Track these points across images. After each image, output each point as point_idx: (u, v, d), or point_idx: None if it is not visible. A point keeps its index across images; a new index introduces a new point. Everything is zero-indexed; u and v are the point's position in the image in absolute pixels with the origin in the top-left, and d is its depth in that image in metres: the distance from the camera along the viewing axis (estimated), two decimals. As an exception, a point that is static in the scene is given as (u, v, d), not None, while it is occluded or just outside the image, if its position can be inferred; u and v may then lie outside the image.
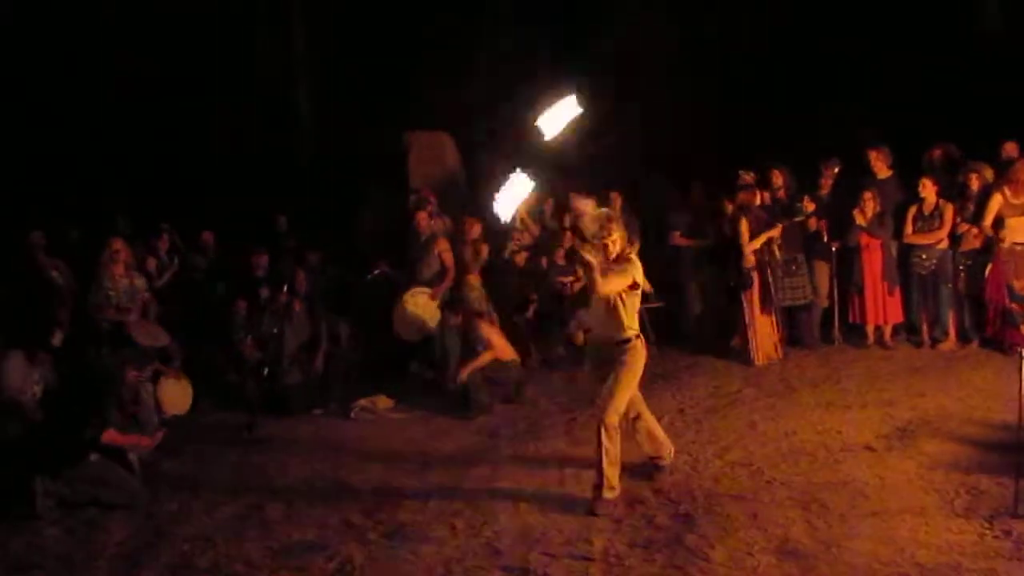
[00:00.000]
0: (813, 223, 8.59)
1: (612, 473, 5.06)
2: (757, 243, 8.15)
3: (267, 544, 4.86)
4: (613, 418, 5.05)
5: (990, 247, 7.97)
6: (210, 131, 12.48)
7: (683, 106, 11.66)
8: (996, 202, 7.90)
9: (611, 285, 5.03)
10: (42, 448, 5.62)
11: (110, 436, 5.75)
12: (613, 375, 5.07)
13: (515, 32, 13.39)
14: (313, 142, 13.58)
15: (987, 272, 7.93)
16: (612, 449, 5.05)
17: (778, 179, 8.85)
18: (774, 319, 8.29)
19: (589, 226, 5.39)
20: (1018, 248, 7.80)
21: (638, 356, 5.14)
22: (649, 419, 5.49)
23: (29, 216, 8.56)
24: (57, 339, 6.81)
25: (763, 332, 8.21)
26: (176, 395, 7.41)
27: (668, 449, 5.51)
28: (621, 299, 5.08)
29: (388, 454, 6.43)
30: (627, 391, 5.11)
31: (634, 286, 5.11)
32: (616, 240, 5.13)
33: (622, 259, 5.14)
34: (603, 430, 5.03)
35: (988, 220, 7.91)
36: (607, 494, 5.04)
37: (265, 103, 13.31)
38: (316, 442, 6.89)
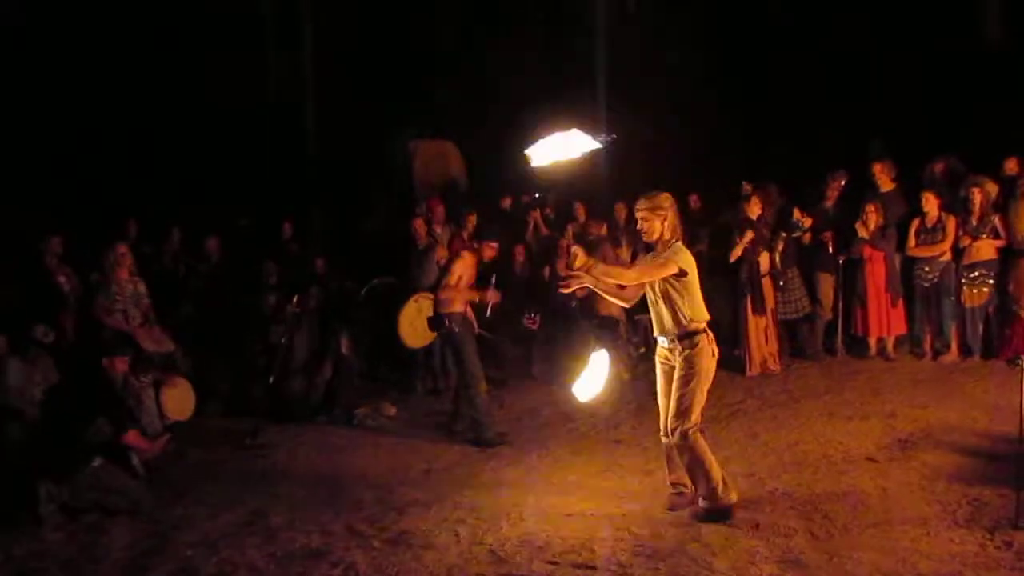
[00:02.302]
0: (808, 237, 8.64)
1: (718, 472, 4.82)
2: (738, 251, 8.17)
3: (271, 550, 4.86)
4: (689, 425, 4.78)
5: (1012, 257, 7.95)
6: (216, 137, 12.51)
7: (683, 117, 11.73)
8: None
9: (638, 274, 4.80)
10: (45, 452, 5.63)
11: (133, 438, 5.77)
12: (678, 382, 4.81)
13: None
14: (318, 149, 13.63)
15: None
16: (706, 452, 4.81)
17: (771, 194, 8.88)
18: (771, 330, 8.32)
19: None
20: None
21: (705, 355, 4.80)
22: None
23: (41, 220, 8.56)
24: (40, 332, 6.80)
25: (756, 343, 8.24)
26: (179, 401, 7.40)
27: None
28: (672, 288, 4.79)
29: (391, 461, 6.45)
30: (700, 396, 4.81)
31: (681, 274, 4.78)
32: (647, 224, 4.85)
33: (665, 246, 4.88)
34: (686, 441, 4.77)
35: None
36: (726, 496, 4.84)
37: (271, 110, 13.37)
38: (320, 449, 6.90)
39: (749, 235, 8.18)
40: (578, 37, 13.37)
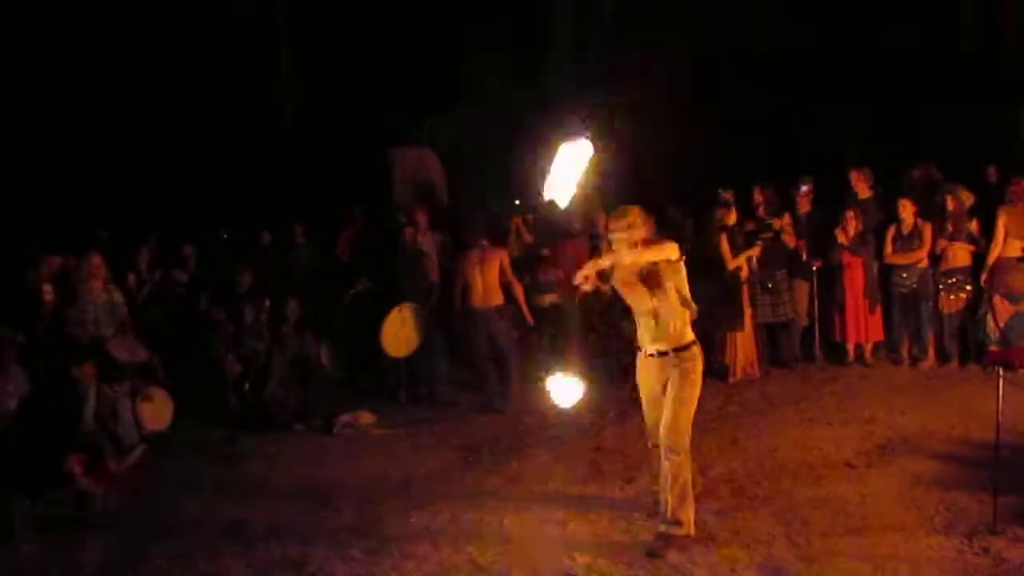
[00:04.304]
0: (791, 241, 8.65)
1: (686, 511, 4.60)
2: (740, 260, 8.21)
3: (248, 561, 4.82)
4: (682, 440, 4.57)
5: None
6: (194, 145, 12.45)
7: (664, 129, 11.77)
8: None
9: (646, 255, 4.54)
10: (21, 468, 5.53)
11: (75, 462, 5.64)
12: (672, 391, 4.61)
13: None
14: (297, 157, 13.57)
15: None
16: (685, 477, 4.57)
17: (758, 196, 8.88)
18: (753, 336, 8.36)
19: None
20: None
21: (698, 364, 4.67)
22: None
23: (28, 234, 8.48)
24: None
25: (742, 349, 8.27)
26: (156, 410, 7.34)
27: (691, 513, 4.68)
28: (676, 290, 4.62)
29: (371, 470, 6.41)
30: (691, 408, 4.63)
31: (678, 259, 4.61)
32: (636, 232, 4.58)
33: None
34: (671, 457, 4.54)
35: None
36: (678, 531, 4.60)
37: (250, 117, 13.31)
38: (298, 458, 6.85)
39: (724, 240, 8.21)
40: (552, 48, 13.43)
